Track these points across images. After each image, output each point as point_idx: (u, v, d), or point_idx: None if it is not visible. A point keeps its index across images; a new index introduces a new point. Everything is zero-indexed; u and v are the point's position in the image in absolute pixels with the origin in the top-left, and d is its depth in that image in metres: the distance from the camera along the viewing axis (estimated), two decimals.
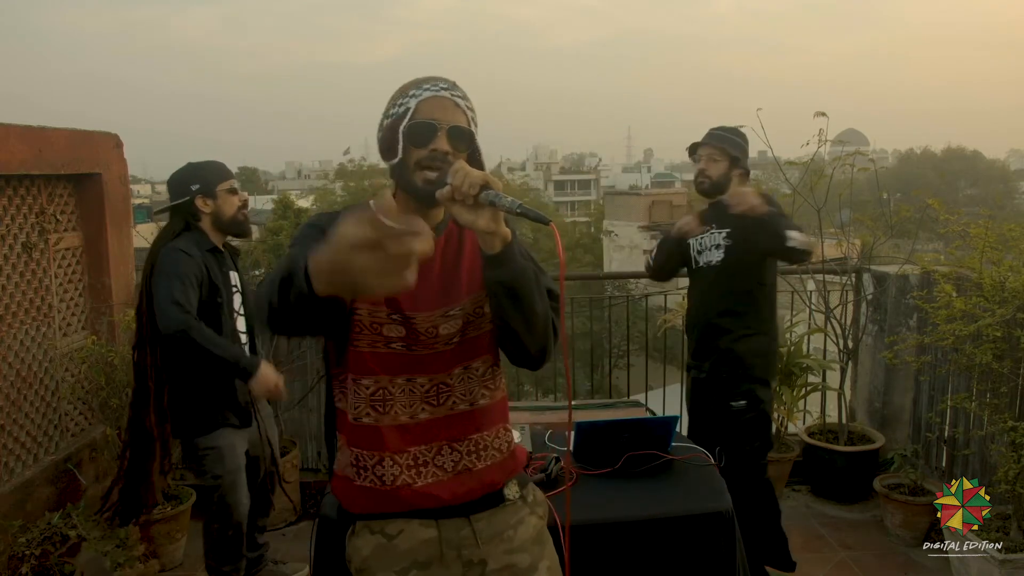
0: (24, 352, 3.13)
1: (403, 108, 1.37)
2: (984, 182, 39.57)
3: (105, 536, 2.82)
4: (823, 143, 3.62)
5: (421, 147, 1.35)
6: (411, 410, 1.41)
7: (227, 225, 2.63)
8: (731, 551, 1.93)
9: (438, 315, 1.39)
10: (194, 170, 2.64)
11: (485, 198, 1.21)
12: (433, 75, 1.41)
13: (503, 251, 1.25)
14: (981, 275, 3.09)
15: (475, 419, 1.44)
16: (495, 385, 1.47)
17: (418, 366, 1.40)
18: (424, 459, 1.41)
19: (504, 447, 1.49)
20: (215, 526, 2.65)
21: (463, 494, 1.43)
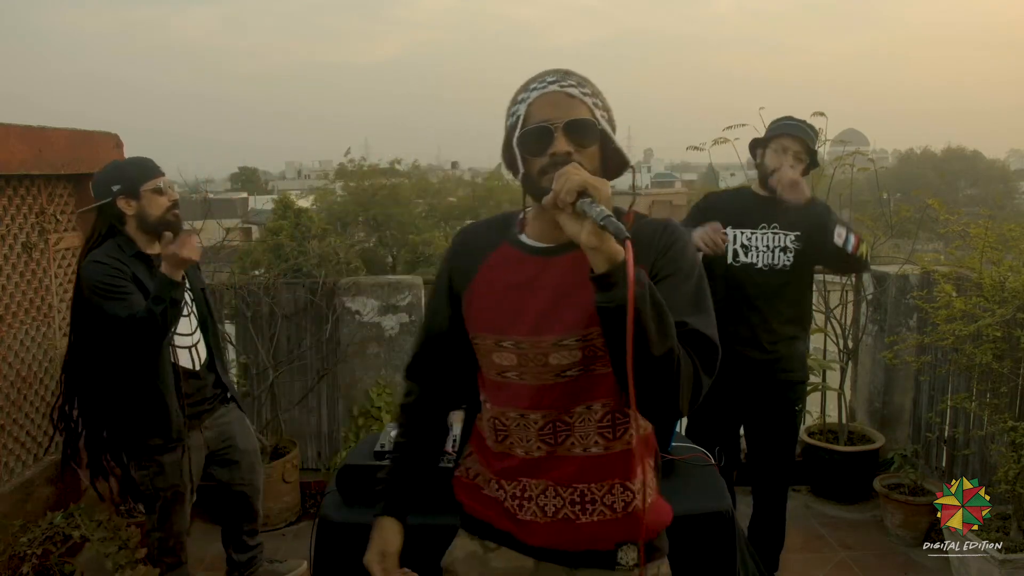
0: (24, 352, 3.13)
1: (515, 117, 1.26)
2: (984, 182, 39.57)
3: (108, 537, 2.82)
4: (823, 143, 3.62)
5: (539, 155, 1.23)
6: (526, 445, 1.30)
7: (154, 227, 2.44)
8: (731, 551, 1.93)
9: (550, 342, 1.25)
10: (117, 169, 2.49)
11: (580, 207, 1.08)
12: (543, 70, 1.29)
13: (609, 271, 1.07)
14: (981, 275, 3.09)
15: (585, 467, 1.29)
16: (614, 435, 1.28)
17: (531, 399, 1.28)
18: (530, 494, 1.31)
19: (619, 506, 1.30)
20: (158, 536, 2.59)
21: (564, 544, 1.31)
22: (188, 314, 2.57)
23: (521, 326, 1.27)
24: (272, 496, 3.54)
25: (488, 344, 1.31)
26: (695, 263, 1.27)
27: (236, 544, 2.88)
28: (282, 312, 3.87)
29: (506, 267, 1.32)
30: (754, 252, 2.66)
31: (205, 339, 2.63)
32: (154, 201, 2.45)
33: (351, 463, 2.01)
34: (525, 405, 1.29)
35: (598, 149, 1.26)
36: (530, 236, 1.33)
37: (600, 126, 1.26)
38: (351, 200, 27.03)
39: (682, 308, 1.18)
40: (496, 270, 1.32)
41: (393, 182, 27.77)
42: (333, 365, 3.95)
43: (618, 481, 1.30)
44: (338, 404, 4.03)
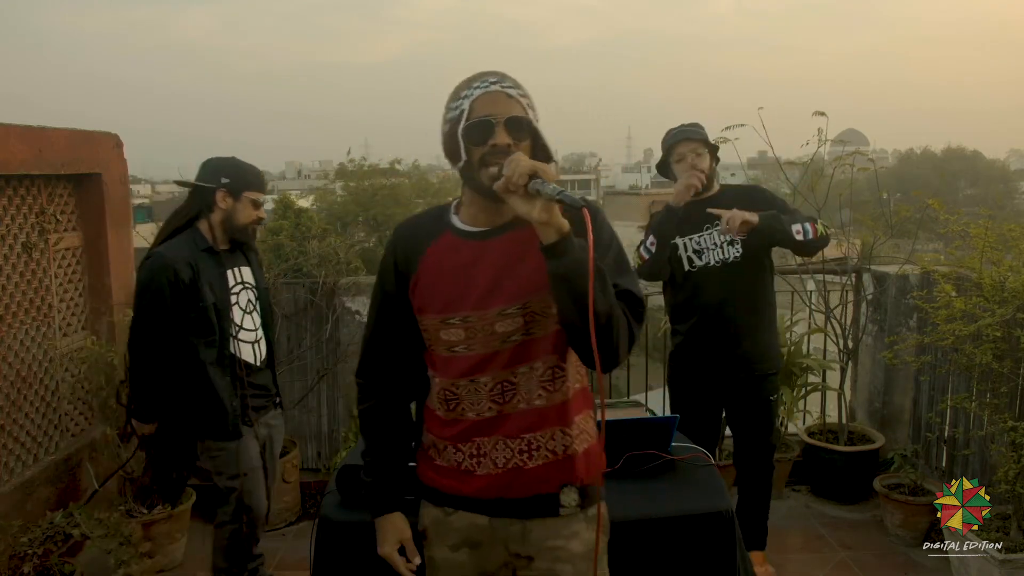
0: (24, 352, 3.13)
1: (458, 111, 1.41)
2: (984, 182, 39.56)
3: (108, 535, 2.83)
4: (823, 143, 3.62)
5: (481, 144, 1.38)
6: (478, 408, 1.46)
7: (233, 230, 2.57)
8: (731, 551, 1.93)
9: (494, 313, 1.42)
10: (232, 165, 2.58)
11: (532, 187, 1.24)
12: (481, 71, 1.45)
13: (558, 242, 1.27)
14: (981, 275, 3.09)
15: (529, 419, 1.46)
16: (554, 387, 1.46)
17: (480, 366, 1.44)
18: (484, 450, 1.47)
19: (559, 450, 1.48)
20: (231, 528, 2.59)
21: (515, 491, 1.47)
22: (252, 311, 2.66)
23: (467, 302, 1.43)
24: (272, 496, 3.54)
25: (435, 323, 1.46)
26: (612, 234, 1.48)
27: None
28: (282, 312, 3.87)
29: (448, 252, 1.47)
30: (706, 253, 2.82)
31: (267, 336, 2.71)
32: (247, 210, 2.57)
33: (351, 463, 2.00)
34: (476, 372, 1.45)
35: (530, 144, 1.42)
36: (466, 223, 1.49)
37: (533, 124, 1.42)
38: (351, 200, 27.00)
39: (611, 272, 1.37)
40: (439, 256, 1.47)
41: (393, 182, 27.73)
42: (333, 365, 3.95)
43: (559, 428, 1.48)
44: (338, 404, 4.03)
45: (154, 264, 2.47)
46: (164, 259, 2.47)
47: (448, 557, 1.54)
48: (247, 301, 2.64)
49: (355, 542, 1.86)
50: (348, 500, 1.95)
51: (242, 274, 2.64)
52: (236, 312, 2.59)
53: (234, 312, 2.58)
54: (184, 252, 2.49)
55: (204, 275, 2.50)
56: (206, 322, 2.49)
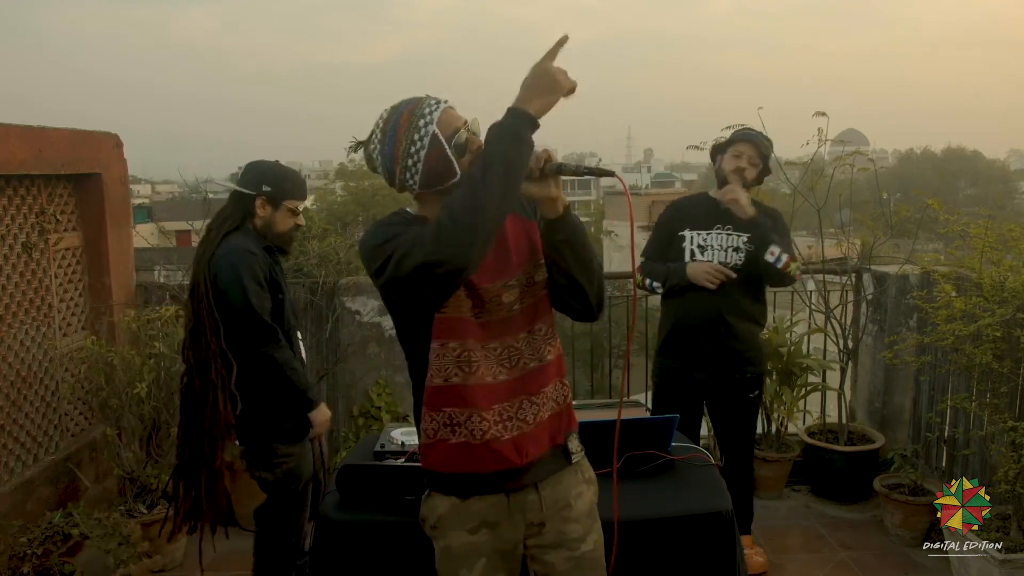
0: (24, 352, 3.13)
1: (429, 136, 1.50)
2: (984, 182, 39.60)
3: (107, 534, 2.83)
4: (823, 143, 3.62)
5: (471, 152, 1.51)
6: (493, 371, 1.56)
7: (273, 237, 2.52)
8: (731, 551, 1.93)
9: (499, 285, 1.56)
10: (277, 173, 2.53)
11: (551, 168, 1.43)
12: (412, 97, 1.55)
13: (564, 214, 1.48)
14: (981, 275, 3.09)
15: (544, 374, 1.60)
16: (554, 342, 1.64)
17: (489, 332, 1.56)
18: (508, 414, 1.56)
19: (562, 400, 1.64)
20: (278, 536, 2.55)
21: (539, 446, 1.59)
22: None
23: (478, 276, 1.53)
24: None
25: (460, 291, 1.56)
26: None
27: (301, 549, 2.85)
28: None
29: None
30: (710, 251, 2.89)
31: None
32: (286, 219, 2.53)
33: (351, 463, 2.01)
34: (487, 338, 1.56)
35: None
36: None
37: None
38: (351, 200, 27.02)
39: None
40: None
41: None
42: (333, 365, 3.95)
43: (558, 378, 1.64)
44: (338, 404, 4.03)
45: (237, 254, 2.38)
46: (243, 250, 2.39)
47: (467, 541, 1.59)
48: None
49: (355, 542, 1.87)
50: (348, 500, 1.95)
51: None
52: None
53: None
54: (253, 247, 2.43)
55: (275, 270, 2.48)
56: (280, 317, 2.46)
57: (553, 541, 1.61)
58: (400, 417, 3.86)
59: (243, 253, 2.38)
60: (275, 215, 2.50)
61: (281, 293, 2.49)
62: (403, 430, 2.34)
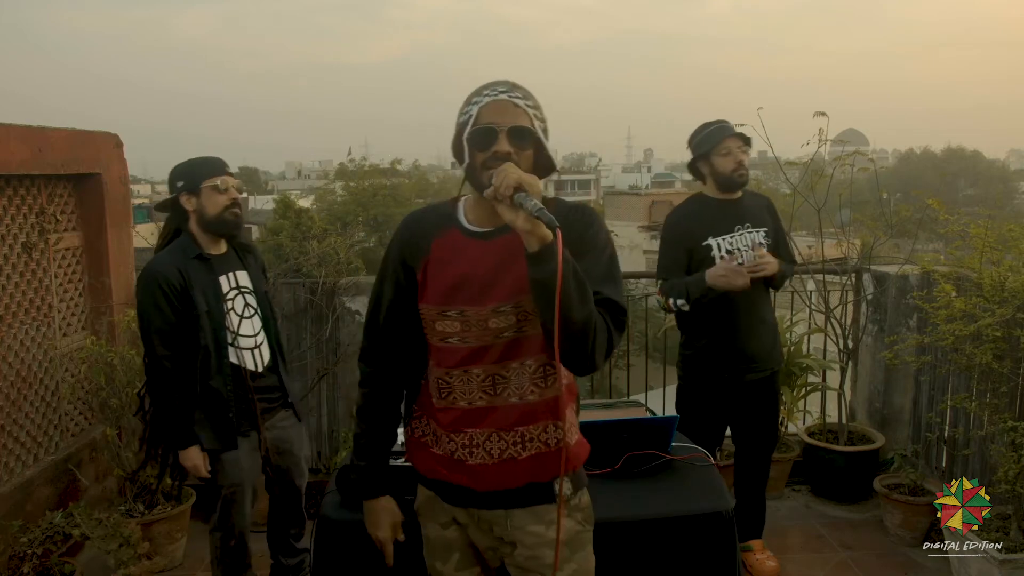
0: (24, 352, 3.13)
1: (467, 116, 1.48)
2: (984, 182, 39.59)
3: (109, 535, 2.83)
4: (823, 143, 3.62)
5: (484, 150, 1.45)
6: (469, 397, 1.53)
7: (210, 224, 2.50)
8: (731, 551, 1.93)
9: (489, 309, 1.49)
10: (183, 166, 2.55)
11: (516, 200, 1.31)
12: (495, 80, 1.52)
13: (540, 251, 1.32)
14: (981, 275, 3.09)
15: (523, 412, 1.52)
16: (546, 384, 1.53)
17: (473, 358, 1.51)
18: (477, 441, 1.53)
19: (552, 442, 1.54)
20: (219, 535, 2.60)
21: (509, 480, 1.54)
22: (252, 316, 2.60)
23: (465, 296, 1.50)
24: None
25: (433, 313, 1.54)
26: (608, 241, 1.55)
27: (284, 549, 2.85)
28: (282, 312, 3.87)
29: (452, 248, 1.55)
30: (738, 254, 2.82)
31: (268, 341, 2.65)
32: (212, 199, 2.50)
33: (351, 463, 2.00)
34: (469, 363, 1.52)
35: (533, 153, 1.50)
36: (470, 222, 1.57)
37: (536, 134, 1.49)
38: (351, 200, 27.03)
39: (598, 279, 1.44)
40: (445, 250, 1.55)
41: (393, 182, 27.77)
42: (333, 365, 3.95)
43: (551, 422, 1.54)
44: (338, 404, 4.03)
45: (144, 279, 2.45)
46: (151, 271, 2.44)
47: (440, 534, 1.65)
48: (244, 306, 2.57)
49: (355, 542, 1.87)
50: (348, 500, 1.95)
51: (237, 279, 2.58)
52: (232, 318, 2.52)
53: (230, 319, 2.52)
54: (174, 260, 2.46)
55: (196, 282, 2.45)
56: (195, 331, 2.45)
57: (525, 563, 1.57)
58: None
59: (149, 275, 2.44)
60: (201, 201, 2.49)
61: (195, 309, 2.44)
62: (403, 430, 2.34)
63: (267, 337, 2.64)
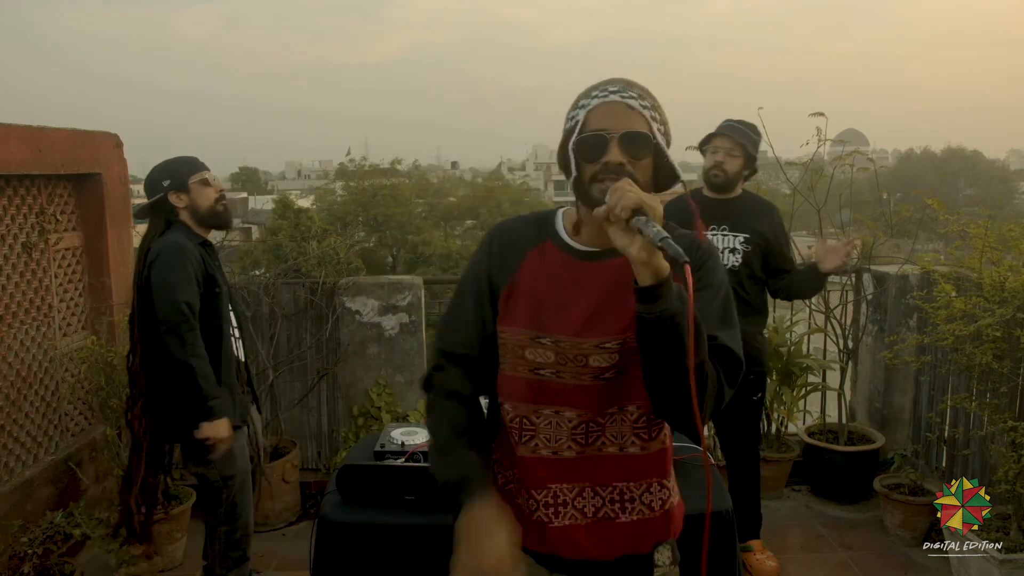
0: (24, 352, 3.13)
1: (574, 121, 1.28)
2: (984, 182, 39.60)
3: (109, 535, 2.83)
4: (823, 143, 3.62)
5: (593, 161, 1.25)
6: (555, 445, 1.31)
7: (205, 217, 2.57)
8: (731, 551, 1.93)
9: (591, 344, 1.27)
10: (165, 166, 2.60)
11: (635, 224, 1.09)
12: (606, 79, 1.30)
13: (654, 287, 1.10)
14: (981, 275, 3.09)
15: (623, 466, 1.32)
16: (650, 435, 1.32)
17: (567, 397, 1.29)
18: (564, 499, 1.31)
19: (656, 505, 1.35)
20: (223, 528, 2.59)
21: (604, 548, 1.32)
22: (232, 309, 2.66)
23: (565, 325, 1.28)
24: (272, 496, 3.54)
25: (523, 340, 1.30)
26: (724, 280, 1.31)
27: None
28: (282, 312, 3.87)
29: (552, 266, 1.33)
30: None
31: (241, 332, 2.72)
32: (202, 193, 2.56)
33: (351, 463, 2.01)
34: (561, 403, 1.29)
35: (651, 162, 1.27)
36: (575, 239, 1.34)
37: (655, 140, 1.26)
38: (351, 200, 27.03)
39: (711, 323, 1.22)
40: (541, 267, 1.33)
41: (393, 182, 27.75)
42: (333, 365, 3.95)
43: (656, 480, 1.34)
44: (338, 404, 4.03)
45: (170, 253, 2.42)
46: (177, 245, 2.44)
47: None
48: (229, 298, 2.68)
49: (355, 542, 1.87)
50: (348, 500, 1.95)
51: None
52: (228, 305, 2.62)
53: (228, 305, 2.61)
54: (188, 242, 2.48)
55: (209, 265, 2.52)
56: (216, 312, 2.49)
57: None
58: (400, 417, 3.86)
59: (176, 248, 2.44)
60: (191, 197, 2.55)
61: (217, 287, 2.52)
62: (403, 430, 2.34)
63: (240, 331, 2.72)
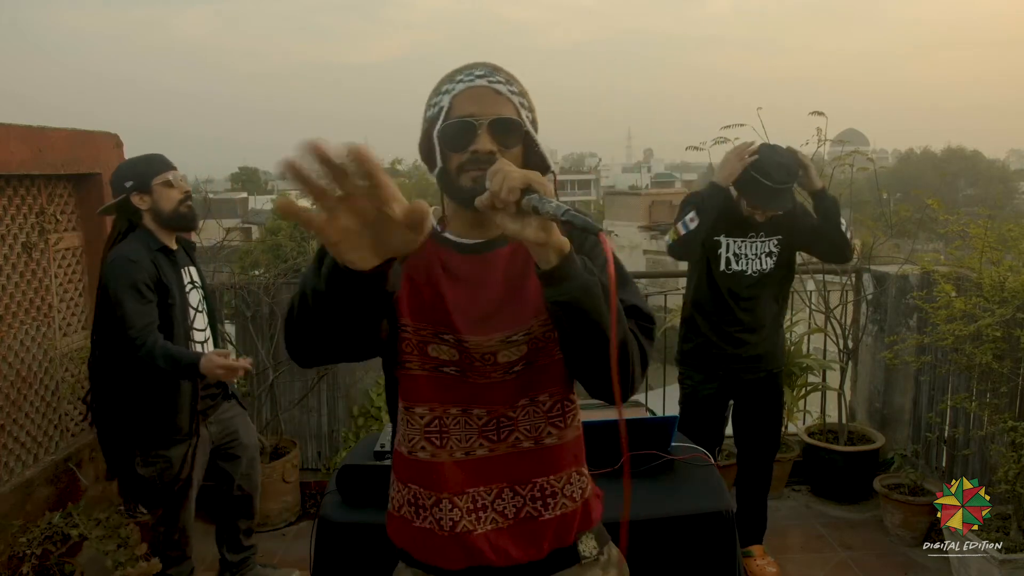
0: (24, 352, 3.13)
1: (437, 108, 1.20)
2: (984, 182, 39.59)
3: (107, 535, 2.82)
4: (822, 142, 3.62)
5: (460, 150, 1.17)
6: (467, 445, 1.23)
7: (168, 220, 2.52)
8: (731, 551, 1.93)
9: (497, 340, 1.20)
10: (129, 166, 2.56)
11: (527, 204, 1.01)
12: (470, 63, 1.23)
13: (560, 265, 1.03)
14: (981, 275, 3.09)
15: (541, 460, 1.25)
16: (565, 423, 1.26)
17: (474, 396, 1.22)
18: (483, 502, 1.23)
19: (577, 495, 1.29)
20: (161, 529, 2.62)
21: (533, 550, 1.25)
22: (203, 310, 2.65)
23: (467, 325, 1.20)
24: (272, 496, 3.54)
25: (426, 335, 1.21)
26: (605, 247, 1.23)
27: (231, 543, 2.87)
28: (282, 312, 3.87)
29: (436, 262, 1.23)
30: (744, 260, 2.87)
31: (213, 336, 2.70)
32: (165, 195, 2.51)
33: (351, 463, 2.01)
34: (470, 402, 1.22)
35: (521, 150, 1.21)
36: (454, 234, 1.26)
37: (525, 127, 1.20)
38: None
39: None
40: (424, 264, 1.22)
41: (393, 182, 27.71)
42: (333, 365, 3.95)
43: (574, 469, 1.29)
44: (338, 404, 4.03)
45: (118, 265, 2.41)
46: (124, 257, 2.42)
47: None
48: (197, 300, 2.63)
49: (355, 542, 1.87)
50: (348, 500, 1.95)
51: (191, 273, 2.63)
52: (189, 312, 2.57)
53: (189, 312, 2.57)
54: (142, 251, 2.46)
55: (164, 273, 2.48)
56: (169, 322, 2.47)
57: None
58: None
59: (122, 263, 2.41)
60: (154, 199, 2.50)
61: (171, 298, 2.47)
62: None
63: (212, 333, 2.69)
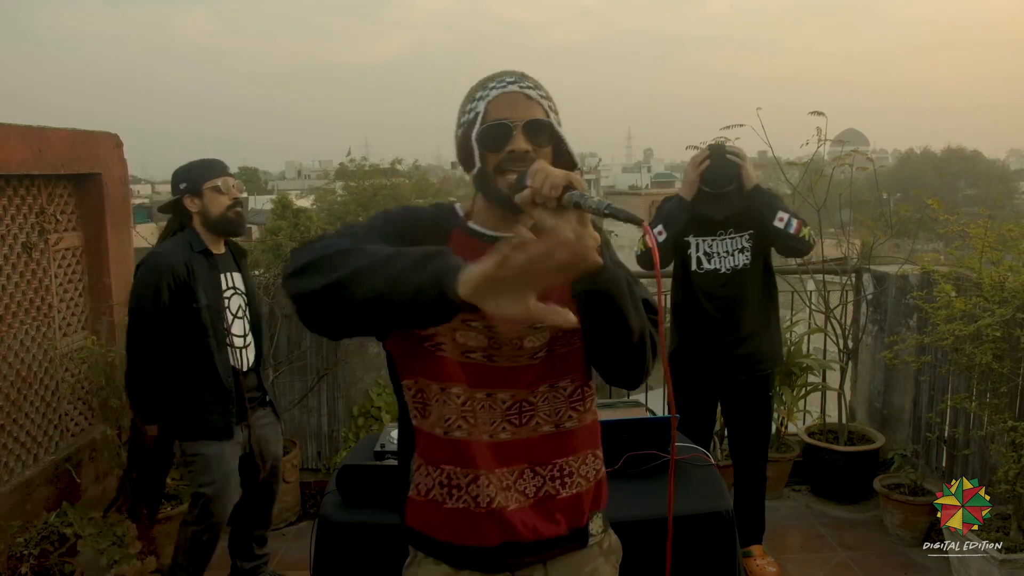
0: (24, 352, 3.12)
1: (473, 113, 1.29)
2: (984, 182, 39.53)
3: (101, 533, 2.82)
4: (822, 142, 3.62)
5: (497, 151, 1.26)
6: (491, 428, 1.30)
7: (214, 224, 2.61)
8: (731, 551, 1.93)
9: (524, 326, 1.27)
10: (186, 169, 2.66)
11: (569, 199, 1.09)
12: (499, 71, 1.33)
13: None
14: (981, 275, 3.09)
15: (561, 442, 1.33)
16: (584, 407, 1.35)
17: (499, 380, 1.29)
18: (506, 482, 1.30)
19: (592, 475, 1.38)
20: (193, 529, 2.64)
21: (553, 526, 1.33)
22: (243, 317, 2.70)
23: None
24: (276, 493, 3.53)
25: (454, 322, 1.19)
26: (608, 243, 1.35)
27: (244, 552, 2.87)
28: (282, 312, 3.87)
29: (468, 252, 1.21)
30: (716, 259, 2.87)
31: (256, 342, 2.74)
32: (215, 199, 2.60)
33: (351, 463, 2.01)
34: (495, 385, 1.30)
35: (551, 150, 1.30)
36: (483, 226, 1.34)
37: (554, 128, 1.29)
38: (351, 200, 26.96)
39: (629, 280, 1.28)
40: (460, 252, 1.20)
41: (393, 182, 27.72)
42: (333, 365, 3.95)
43: (590, 451, 1.38)
44: (338, 404, 4.03)
45: (152, 263, 2.52)
46: (160, 258, 2.52)
47: None
48: (238, 306, 2.68)
49: (355, 542, 1.87)
50: (348, 500, 1.95)
51: (233, 279, 2.69)
52: (227, 316, 2.63)
53: (226, 316, 2.62)
54: (179, 252, 2.55)
55: (199, 276, 2.55)
56: (198, 323, 2.53)
57: None
58: None
59: (155, 262, 2.51)
60: (204, 203, 2.59)
61: (195, 302, 2.52)
62: None
63: (255, 339, 2.74)
